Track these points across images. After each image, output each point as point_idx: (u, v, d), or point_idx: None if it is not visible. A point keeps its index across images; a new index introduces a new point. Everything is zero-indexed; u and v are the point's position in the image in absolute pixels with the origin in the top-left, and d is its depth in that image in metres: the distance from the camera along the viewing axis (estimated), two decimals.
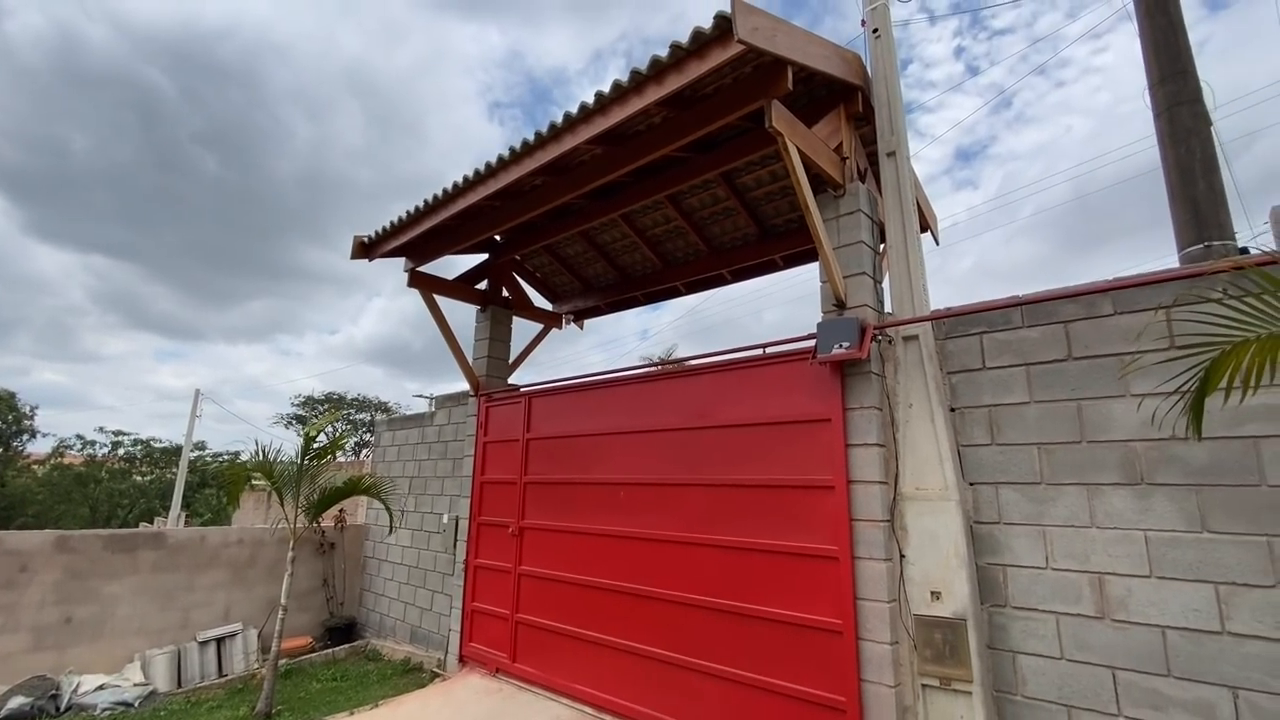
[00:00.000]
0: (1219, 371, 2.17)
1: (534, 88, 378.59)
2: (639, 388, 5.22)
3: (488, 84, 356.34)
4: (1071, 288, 3.41)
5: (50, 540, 6.43)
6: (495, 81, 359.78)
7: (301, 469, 5.99)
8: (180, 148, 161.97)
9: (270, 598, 7.52)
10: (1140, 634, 2.97)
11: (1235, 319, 2.14)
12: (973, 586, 3.36)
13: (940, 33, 49.38)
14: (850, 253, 3.98)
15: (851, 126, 4.39)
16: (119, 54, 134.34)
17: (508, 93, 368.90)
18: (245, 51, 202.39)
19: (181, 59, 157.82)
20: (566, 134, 4.20)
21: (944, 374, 3.75)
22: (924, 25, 37.67)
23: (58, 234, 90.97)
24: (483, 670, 5.82)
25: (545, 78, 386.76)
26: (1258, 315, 2.12)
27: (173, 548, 7.11)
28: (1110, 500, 3.12)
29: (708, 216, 6.18)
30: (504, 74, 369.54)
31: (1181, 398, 2.28)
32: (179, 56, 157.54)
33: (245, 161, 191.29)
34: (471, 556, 6.33)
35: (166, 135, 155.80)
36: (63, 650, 6.32)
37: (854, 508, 3.69)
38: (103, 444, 27.22)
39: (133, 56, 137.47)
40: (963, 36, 69.68)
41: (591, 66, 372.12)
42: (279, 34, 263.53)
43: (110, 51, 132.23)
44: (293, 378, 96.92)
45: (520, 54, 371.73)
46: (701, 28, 3.29)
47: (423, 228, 5.52)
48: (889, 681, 3.41)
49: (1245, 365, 2.11)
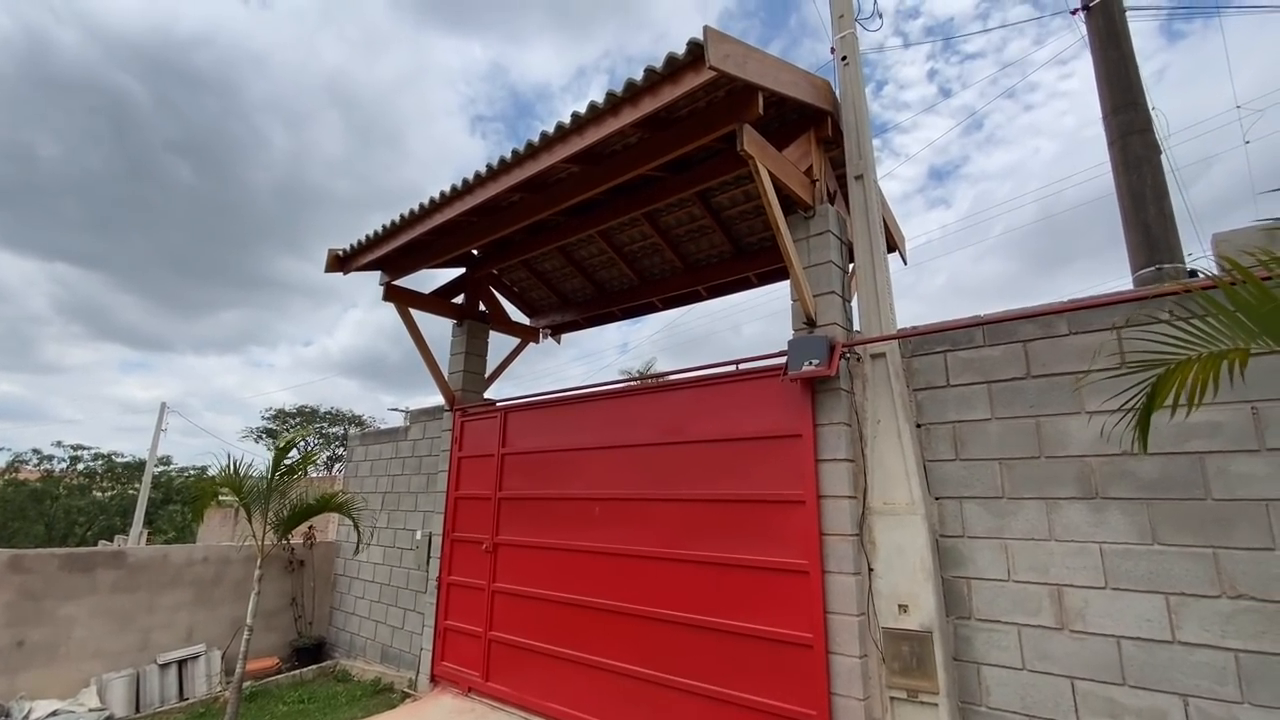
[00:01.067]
0: (1164, 389, 2.28)
1: (517, 102, 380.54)
2: (614, 403, 5.25)
3: (470, 97, 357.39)
4: (1030, 308, 3.55)
5: (3, 560, 6.20)
6: (478, 95, 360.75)
7: (272, 484, 5.87)
8: (154, 155, 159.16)
9: (236, 618, 7.32)
10: (1097, 644, 3.07)
11: (1179, 339, 2.25)
12: (939, 599, 3.44)
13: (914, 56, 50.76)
14: (820, 272, 4.09)
15: (821, 150, 4.52)
16: (90, 59, 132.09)
17: (490, 106, 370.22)
18: (222, 60, 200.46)
19: (156, 66, 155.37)
20: (544, 152, 4.26)
21: (910, 391, 3.86)
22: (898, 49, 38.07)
23: (21, 241, 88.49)
24: (455, 690, 5.74)
25: (529, 92, 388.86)
26: (1200, 335, 2.24)
27: (133, 567, 6.90)
28: (1067, 514, 3.24)
29: (684, 234, 6.28)
30: (487, 88, 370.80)
31: (1129, 414, 2.39)
32: (153, 63, 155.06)
33: (221, 171, 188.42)
34: (444, 574, 6.25)
35: (139, 143, 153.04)
36: (14, 675, 6.07)
37: (824, 522, 3.75)
38: (61, 458, 26.22)
39: (105, 62, 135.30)
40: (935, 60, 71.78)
41: (575, 82, 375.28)
42: (257, 43, 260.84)
43: (81, 56, 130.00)
44: (264, 390, 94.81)
45: (504, 68, 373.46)
46: (675, 54, 3.39)
47: (399, 242, 5.52)
48: (858, 694, 3.46)
49: (1190, 382, 2.23)
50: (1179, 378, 2.25)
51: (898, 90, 65.71)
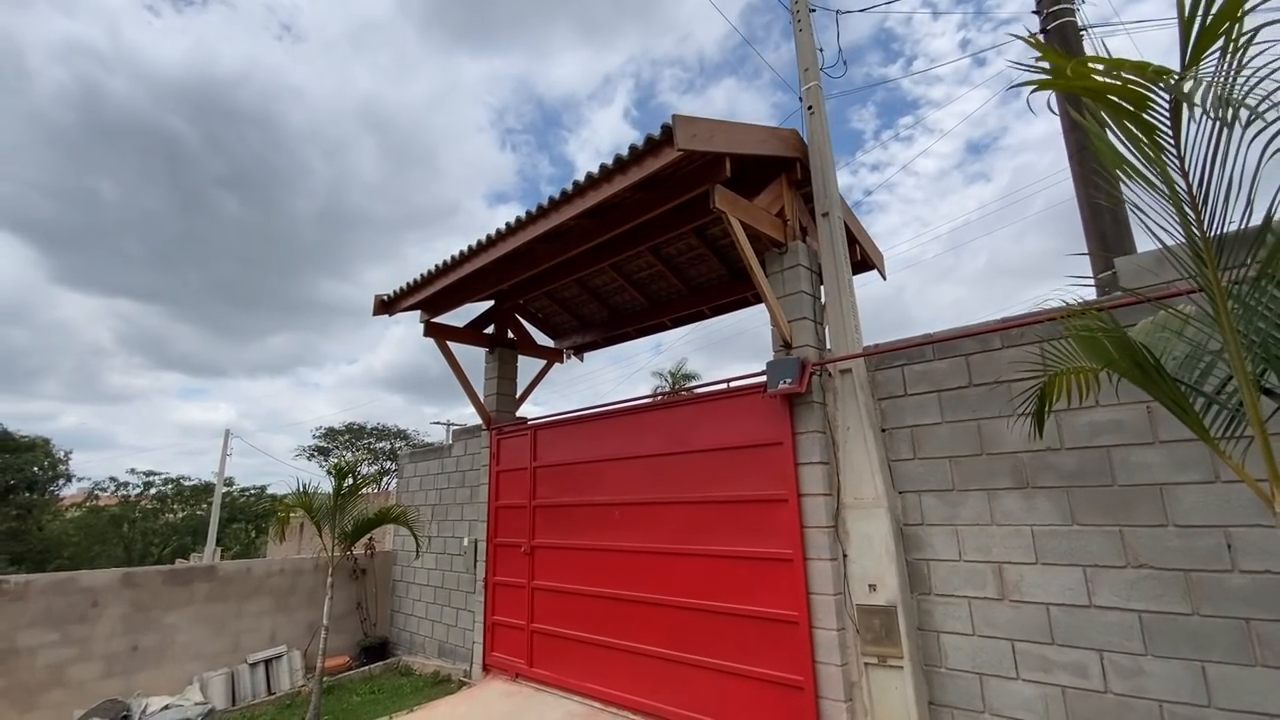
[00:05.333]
0: (1047, 394, 2.88)
1: (545, 114, 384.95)
2: (627, 419, 5.97)
3: (499, 112, 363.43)
4: (971, 327, 4.13)
5: (117, 577, 7.26)
6: (507, 109, 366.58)
7: (336, 503, 6.77)
8: (204, 191, 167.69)
9: (310, 621, 8.29)
10: (1031, 611, 3.64)
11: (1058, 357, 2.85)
12: (902, 579, 4.04)
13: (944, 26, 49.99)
14: (793, 301, 4.73)
15: (793, 190, 5.15)
16: (141, 105, 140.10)
17: (519, 119, 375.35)
18: (261, 95, 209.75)
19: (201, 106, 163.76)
20: (553, 212, 5.00)
21: (875, 400, 4.47)
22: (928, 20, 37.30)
23: (85, 281, 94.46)
24: (504, 676, 6.54)
25: (556, 104, 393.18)
26: (1066, 354, 2.84)
27: (222, 579, 7.91)
28: (1005, 502, 3.82)
29: (684, 262, 6.96)
30: (515, 101, 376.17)
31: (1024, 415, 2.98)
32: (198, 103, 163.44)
33: (266, 202, 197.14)
34: (490, 575, 7.07)
35: (190, 180, 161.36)
36: (130, 676, 7.10)
37: (804, 516, 4.39)
38: (135, 484, 28.29)
39: (154, 106, 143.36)
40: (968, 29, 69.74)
41: (602, 90, 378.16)
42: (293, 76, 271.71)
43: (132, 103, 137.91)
44: (313, 409, 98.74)
45: (529, 83, 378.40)
46: (653, 135, 4.09)
47: (435, 288, 6.35)
48: (837, 661, 4.09)
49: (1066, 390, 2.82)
50: (1056, 387, 2.85)
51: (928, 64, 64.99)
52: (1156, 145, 1.82)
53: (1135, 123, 1.76)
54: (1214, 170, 1.79)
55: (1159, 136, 1.81)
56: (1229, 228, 1.86)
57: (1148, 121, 1.76)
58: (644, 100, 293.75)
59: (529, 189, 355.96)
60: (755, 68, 76.87)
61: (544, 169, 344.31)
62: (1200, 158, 1.80)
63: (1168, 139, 1.78)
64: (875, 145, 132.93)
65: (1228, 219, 1.84)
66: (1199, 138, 1.78)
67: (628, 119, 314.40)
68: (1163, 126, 1.79)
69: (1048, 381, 2.87)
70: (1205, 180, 1.82)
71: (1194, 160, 1.80)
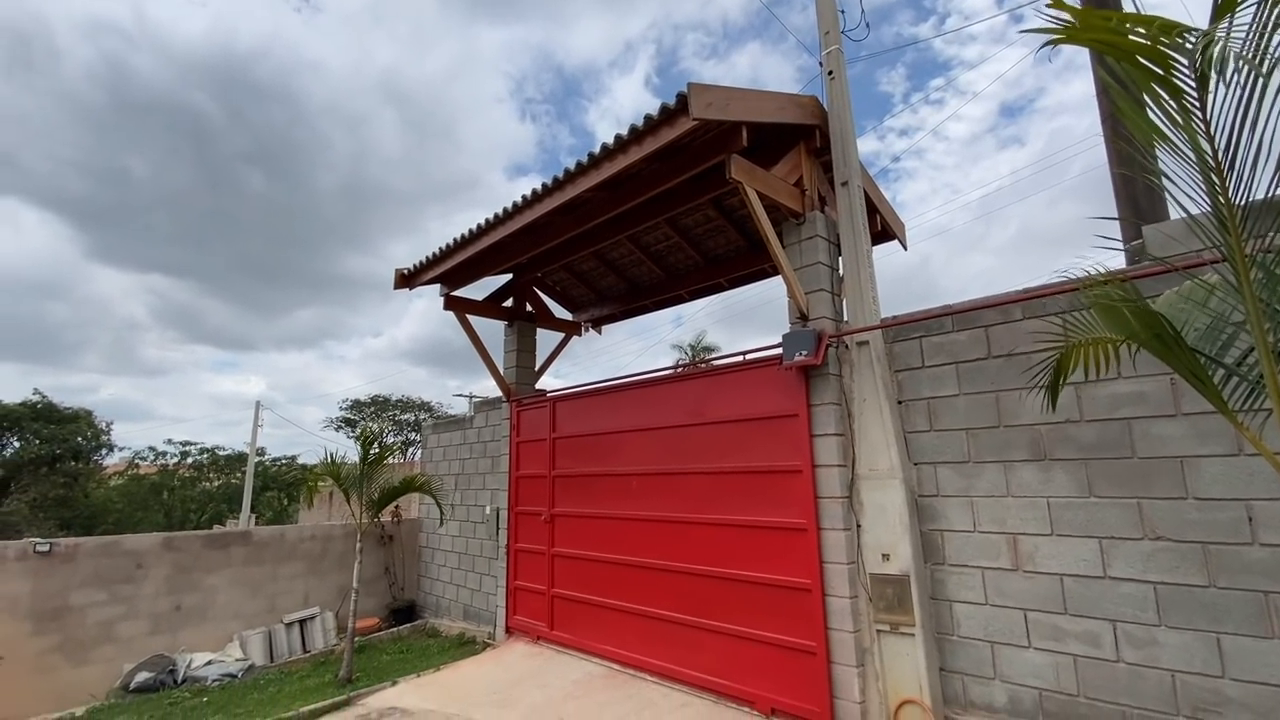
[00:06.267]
0: (1063, 366, 2.85)
1: (565, 83, 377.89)
2: (644, 391, 6.02)
3: (518, 82, 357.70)
4: (991, 297, 4.07)
5: (159, 541, 7.61)
6: (526, 78, 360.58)
7: (363, 472, 6.98)
8: (230, 167, 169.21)
9: (341, 585, 8.63)
10: (1044, 581, 3.66)
11: (1080, 328, 2.81)
12: (915, 549, 4.08)
13: None
14: (810, 272, 4.69)
15: (813, 159, 5.06)
16: (166, 81, 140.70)
17: (539, 89, 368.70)
18: (282, 69, 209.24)
19: (223, 81, 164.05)
20: (569, 184, 4.99)
21: (892, 372, 4.44)
22: None
23: (119, 256, 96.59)
24: (526, 639, 6.77)
25: (576, 72, 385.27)
26: (1087, 325, 2.80)
27: (258, 544, 8.25)
28: (1021, 474, 3.80)
29: (702, 234, 6.91)
30: (534, 70, 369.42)
31: (1039, 386, 2.95)
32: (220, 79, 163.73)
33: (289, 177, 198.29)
34: (512, 542, 7.27)
35: (216, 156, 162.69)
36: (175, 633, 7.49)
37: (819, 487, 4.43)
38: (173, 454, 29.33)
39: (179, 82, 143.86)
40: None
41: (623, 57, 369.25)
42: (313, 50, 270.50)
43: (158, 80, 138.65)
44: (340, 382, 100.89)
45: (549, 51, 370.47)
46: (668, 104, 4.04)
47: (455, 261, 6.41)
48: (850, 628, 4.16)
49: (1086, 360, 2.78)
50: (1073, 358, 2.81)
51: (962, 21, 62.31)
52: (1183, 109, 1.77)
53: (1161, 84, 1.71)
54: (1242, 134, 1.74)
55: (1185, 99, 1.75)
56: (1257, 195, 1.81)
57: (1174, 84, 1.71)
58: (666, 67, 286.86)
59: (549, 160, 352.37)
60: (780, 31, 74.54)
61: (564, 139, 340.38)
62: (1228, 121, 1.75)
63: (1193, 102, 1.73)
64: (904, 109, 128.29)
65: (1255, 186, 1.79)
66: (1228, 101, 1.72)
67: (649, 87, 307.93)
68: (1189, 89, 1.74)
69: (1064, 353, 2.83)
70: (1233, 145, 1.77)
71: (1221, 124, 1.75)
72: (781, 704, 4.39)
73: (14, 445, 22.61)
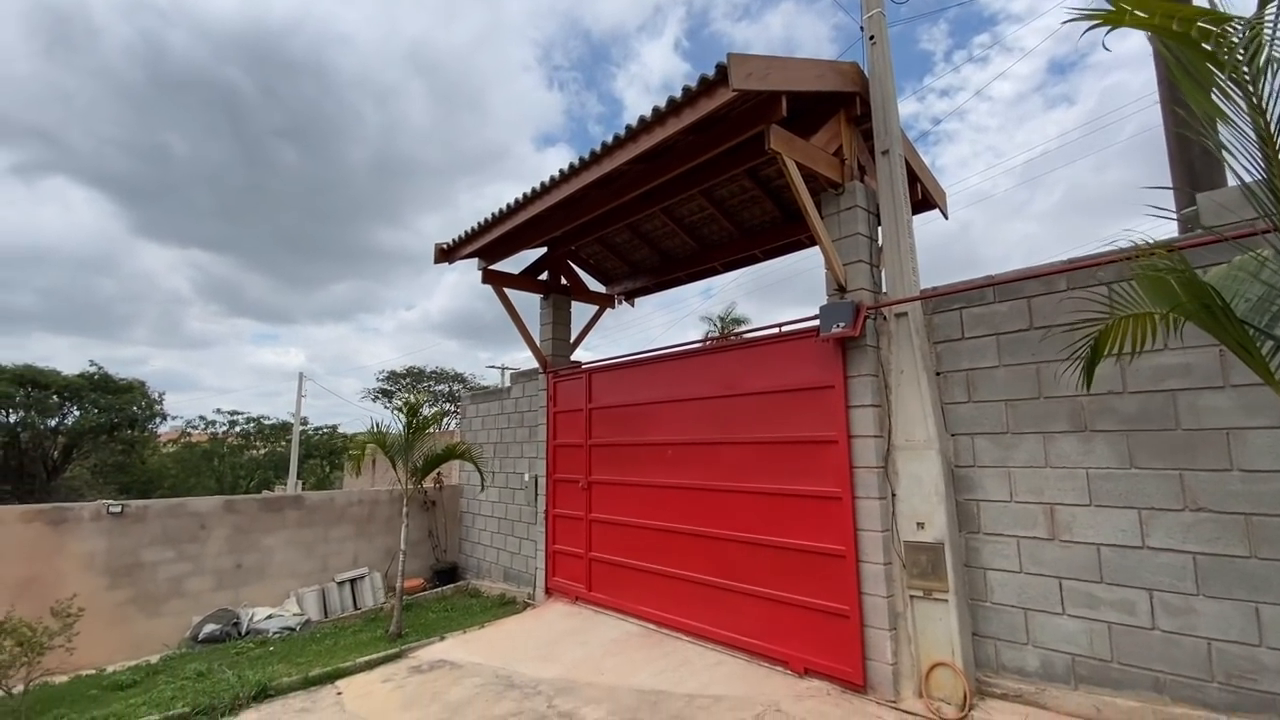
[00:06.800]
0: (1103, 342, 2.84)
1: (593, 49, 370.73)
2: (679, 363, 6.12)
3: (545, 49, 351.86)
4: (1035, 268, 4.03)
5: (221, 504, 8.08)
6: (553, 45, 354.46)
7: (408, 440, 7.27)
8: (265, 142, 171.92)
9: (387, 547, 9.07)
10: (1080, 550, 3.69)
11: (1125, 300, 2.80)
12: (950, 518, 4.14)
13: None
14: (849, 243, 4.68)
15: (853, 127, 5.00)
16: (201, 57, 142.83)
17: (566, 56, 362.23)
18: (313, 44, 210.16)
19: (256, 57, 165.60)
20: (606, 158, 5.03)
21: (931, 344, 4.45)
22: None
23: (163, 232, 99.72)
24: (565, 599, 7.06)
25: (604, 37, 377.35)
26: (1133, 297, 2.79)
27: (309, 507, 8.69)
28: (1060, 445, 3.81)
29: (737, 205, 6.89)
30: (562, 37, 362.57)
31: (1076, 359, 2.95)
32: (253, 55, 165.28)
33: (321, 151, 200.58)
34: (550, 507, 7.52)
35: (251, 132, 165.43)
36: (237, 589, 7.99)
37: (854, 457, 4.50)
38: (221, 423, 30.63)
39: (213, 58, 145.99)
40: None
41: (652, 20, 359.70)
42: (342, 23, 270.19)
43: (193, 56, 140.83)
44: (375, 353, 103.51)
45: (576, 15, 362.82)
46: (707, 75, 4.03)
47: (492, 235, 6.53)
48: (883, 593, 4.26)
49: (1131, 333, 2.77)
50: (1116, 332, 2.81)
51: None
52: (1238, 80, 1.75)
53: (1212, 62, 1.70)
54: None
55: (1237, 76, 1.74)
56: None
57: (1225, 61, 1.70)
58: (696, 30, 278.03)
59: (577, 129, 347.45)
60: None
61: (592, 108, 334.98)
62: None
63: (1244, 74, 1.71)
64: (947, 69, 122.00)
65: None
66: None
67: (679, 51, 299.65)
68: (1239, 69, 1.72)
69: (1105, 328, 2.82)
70: None
71: (1275, 93, 1.73)
72: (815, 664, 4.55)
73: (75, 414, 23.82)
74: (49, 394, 22.01)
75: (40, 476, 21.90)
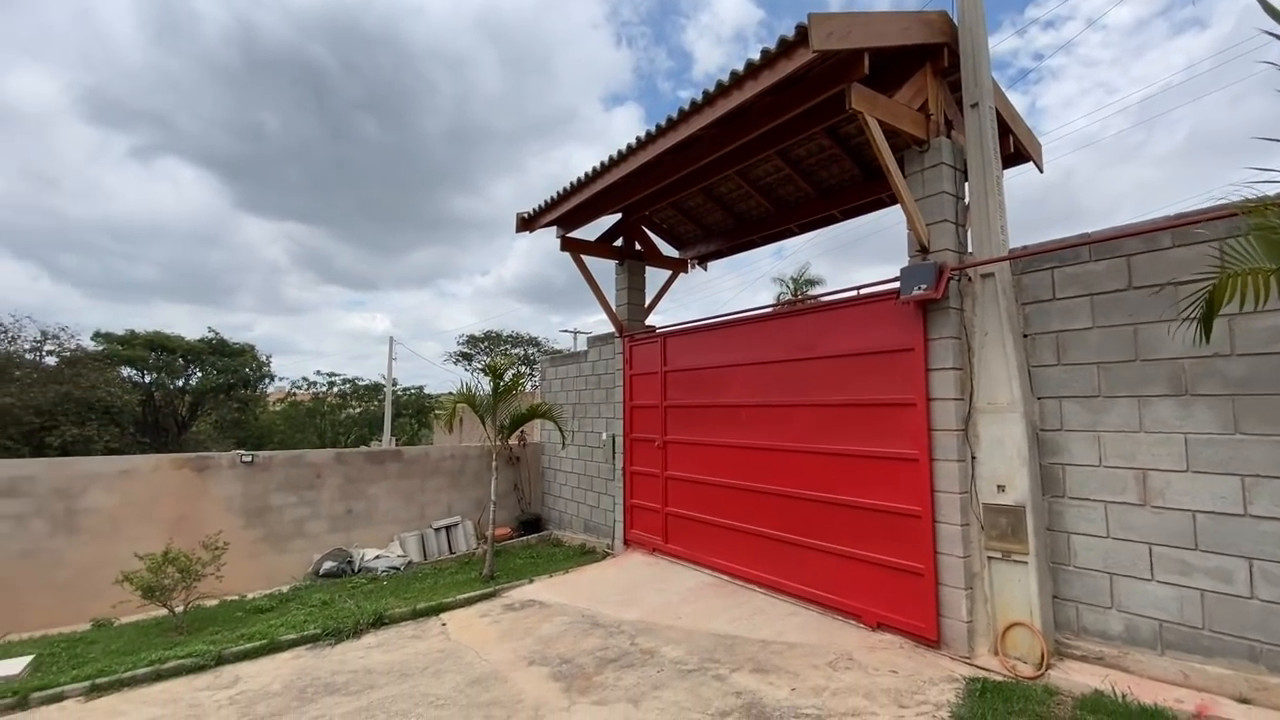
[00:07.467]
0: (1217, 298, 2.75)
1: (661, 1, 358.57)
2: (753, 327, 6.20)
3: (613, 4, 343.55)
4: (1135, 224, 3.83)
5: (332, 456, 8.95)
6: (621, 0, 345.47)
7: (495, 400, 7.77)
8: (348, 116, 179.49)
9: (477, 498, 9.78)
10: (1174, 517, 3.60)
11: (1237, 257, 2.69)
12: (1033, 481, 4.10)
13: None
14: (933, 202, 4.57)
15: (939, 80, 4.81)
16: (287, 36, 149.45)
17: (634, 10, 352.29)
18: (387, 16, 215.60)
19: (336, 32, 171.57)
20: (682, 124, 5.10)
21: (1018, 305, 4.33)
22: None
23: (261, 206, 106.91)
24: (643, 550, 7.45)
25: None
26: (1246, 254, 2.68)
27: (408, 461, 9.48)
28: (1157, 409, 3.68)
29: (814, 164, 6.77)
30: None
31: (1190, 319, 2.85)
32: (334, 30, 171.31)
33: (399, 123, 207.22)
34: (627, 464, 7.88)
35: (335, 107, 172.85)
36: (349, 531, 8.89)
37: (933, 420, 4.50)
38: (321, 384, 33.22)
39: (299, 36, 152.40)
40: None
41: None
42: None
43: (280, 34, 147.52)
44: (454, 318, 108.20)
45: None
46: (786, 36, 4.01)
47: (570, 204, 6.76)
48: (960, 553, 4.31)
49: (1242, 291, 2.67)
50: (1229, 289, 2.70)
51: None
52: None
53: None
54: None
55: None
56: None
57: None
58: None
59: (646, 87, 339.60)
60: None
61: (661, 63, 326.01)
62: None
63: None
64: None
65: None
66: None
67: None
68: None
69: (1218, 284, 2.72)
70: None
71: None
72: (888, 619, 4.68)
73: (197, 375, 26.42)
74: (175, 357, 24.51)
75: (172, 430, 24.60)
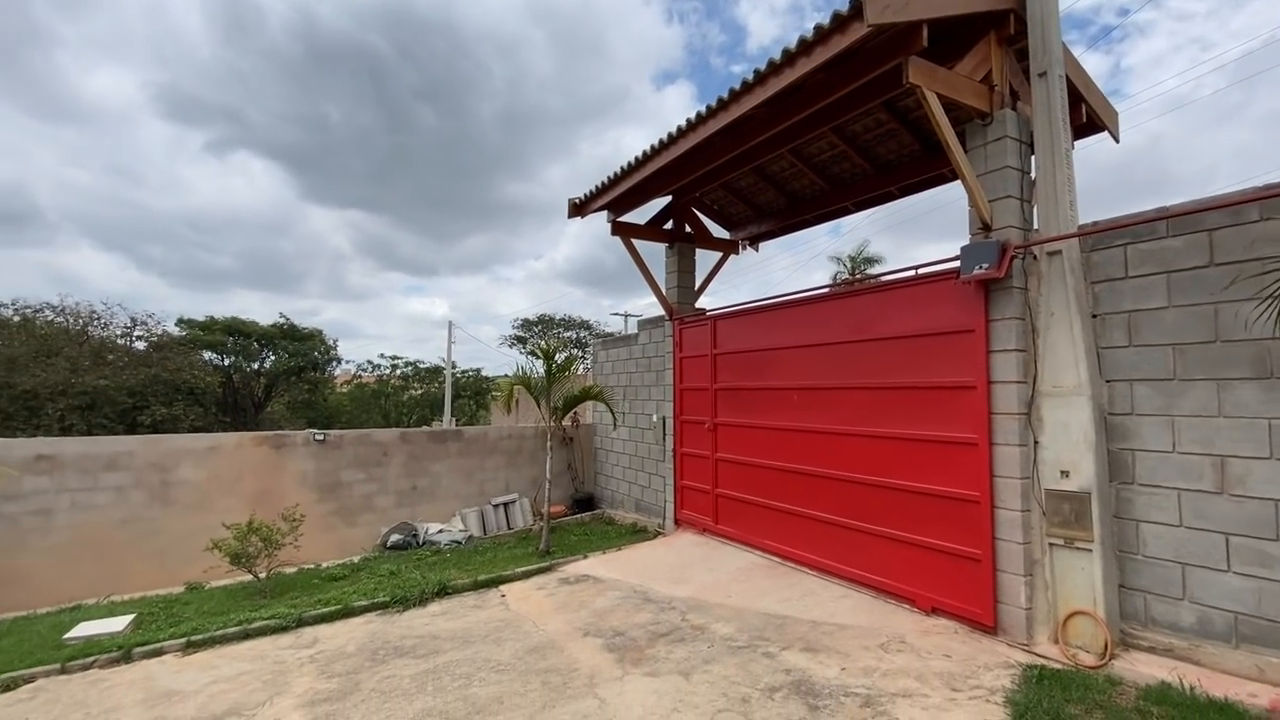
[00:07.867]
0: None
1: None
2: (805, 309, 6.14)
3: None
4: (1219, 197, 3.60)
5: (398, 435, 9.42)
6: None
7: (550, 382, 7.99)
8: (406, 105, 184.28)
9: (533, 476, 10.10)
10: (1254, 506, 3.42)
11: None
12: (1100, 467, 3.95)
13: None
14: (995, 178, 4.40)
15: (1004, 48, 4.60)
16: (346, 27, 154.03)
17: None
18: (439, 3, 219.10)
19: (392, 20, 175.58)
20: (733, 104, 5.07)
21: (1087, 284, 4.15)
22: None
23: (325, 196, 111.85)
24: (693, 530, 7.56)
25: None
26: None
27: (468, 440, 9.87)
28: (1238, 393, 3.49)
29: (871, 140, 6.59)
30: None
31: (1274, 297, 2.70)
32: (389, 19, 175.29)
33: (455, 109, 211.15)
34: (678, 446, 7.98)
35: (393, 96, 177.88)
36: (413, 507, 9.36)
37: (993, 403, 4.38)
38: (384, 367, 34.68)
39: (357, 26, 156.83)
40: None
41: None
42: None
43: (339, 25, 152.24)
44: (509, 302, 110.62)
45: None
46: (840, 10, 3.92)
47: (621, 189, 6.82)
48: (1019, 540, 4.21)
49: None
50: None
51: None
52: None
53: None
54: None
55: None
56: None
57: None
58: None
59: (698, 64, 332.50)
60: None
61: (714, 38, 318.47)
62: None
63: None
64: None
65: None
66: None
67: None
68: None
69: None
70: None
71: None
72: (943, 604, 4.63)
73: (270, 359, 28.01)
74: (250, 341, 26.06)
75: (249, 411, 26.24)
